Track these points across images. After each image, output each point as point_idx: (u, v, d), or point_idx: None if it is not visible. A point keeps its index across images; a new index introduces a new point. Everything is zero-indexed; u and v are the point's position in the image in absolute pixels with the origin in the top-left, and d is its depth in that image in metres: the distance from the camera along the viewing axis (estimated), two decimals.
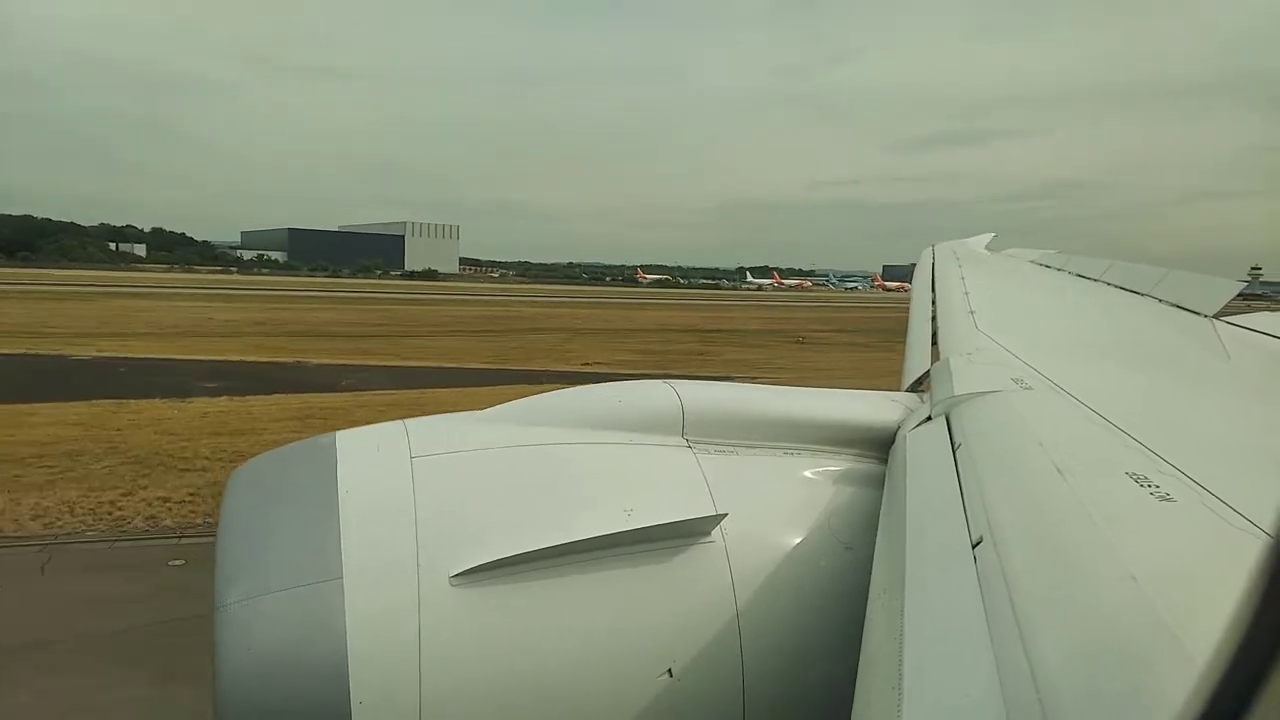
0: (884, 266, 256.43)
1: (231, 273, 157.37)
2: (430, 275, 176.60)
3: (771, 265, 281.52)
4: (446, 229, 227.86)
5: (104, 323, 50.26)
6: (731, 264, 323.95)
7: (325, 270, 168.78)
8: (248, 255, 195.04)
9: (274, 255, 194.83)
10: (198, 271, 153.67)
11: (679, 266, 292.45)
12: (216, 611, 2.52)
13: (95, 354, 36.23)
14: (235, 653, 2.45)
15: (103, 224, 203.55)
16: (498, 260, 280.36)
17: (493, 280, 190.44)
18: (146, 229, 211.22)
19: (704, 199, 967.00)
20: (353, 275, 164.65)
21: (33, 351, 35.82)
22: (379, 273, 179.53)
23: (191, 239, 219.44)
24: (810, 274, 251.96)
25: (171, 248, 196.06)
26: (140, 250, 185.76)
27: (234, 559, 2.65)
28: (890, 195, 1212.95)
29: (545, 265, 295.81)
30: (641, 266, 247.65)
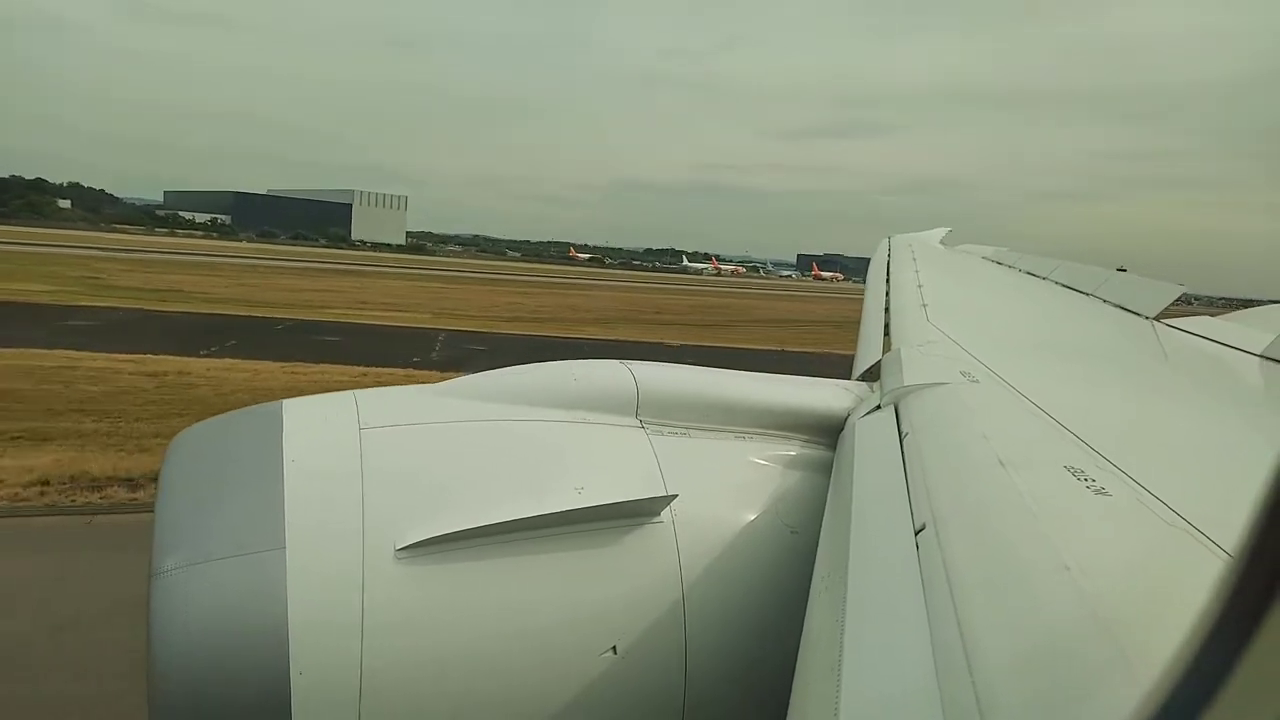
0: (799, 255, 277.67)
1: (213, 238, 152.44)
2: (420, 249, 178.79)
3: (663, 248, 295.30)
4: (394, 199, 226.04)
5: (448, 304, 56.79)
6: (627, 245, 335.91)
7: (307, 240, 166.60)
8: (201, 219, 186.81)
9: (221, 219, 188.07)
10: (180, 236, 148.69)
11: (586, 245, 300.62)
12: (153, 578, 2.49)
13: (653, 340, 44.98)
14: (171, 620, 2.42)
15: (15, 176, 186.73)
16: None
17: (458, 256, 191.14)
18: (59, 183, 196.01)
19: (590, 175, 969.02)
20: (334, 245, 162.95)
21: (607, 338, 44.31)
22: (363, 244, 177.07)
23: (114, 197, 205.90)
24: (720, 258, 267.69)
25: (97, 206, 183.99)
26: (64, 205, 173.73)
27: (173, 526, 2.63)
28: (775, 183, 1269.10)
29: (445, 236, 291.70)
30: (574, 246, 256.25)
